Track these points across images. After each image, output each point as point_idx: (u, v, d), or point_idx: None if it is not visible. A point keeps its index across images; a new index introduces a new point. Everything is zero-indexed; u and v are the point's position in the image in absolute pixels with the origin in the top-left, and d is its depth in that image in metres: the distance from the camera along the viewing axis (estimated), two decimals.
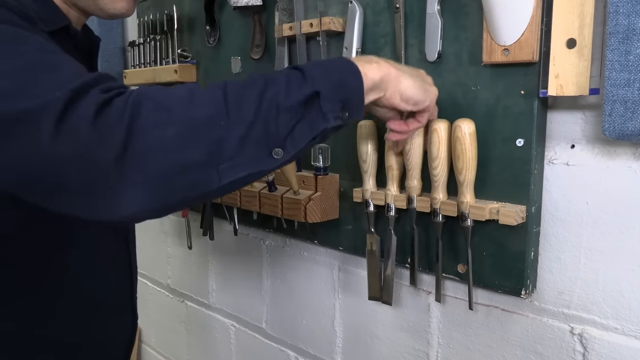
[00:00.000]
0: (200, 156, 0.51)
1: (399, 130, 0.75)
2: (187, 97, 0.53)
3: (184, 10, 1.30)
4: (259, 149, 0.54)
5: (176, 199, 0.52)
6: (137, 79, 1.41)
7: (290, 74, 0.57)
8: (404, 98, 0.68)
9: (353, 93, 0.61)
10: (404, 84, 0.67)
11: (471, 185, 0.77)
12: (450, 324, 0.90)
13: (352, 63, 0.62)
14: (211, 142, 0.51)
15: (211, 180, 0.52)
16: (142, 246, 1.68)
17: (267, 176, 1.03)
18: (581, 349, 0.75)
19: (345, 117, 0.60)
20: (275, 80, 0.56)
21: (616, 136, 0.65)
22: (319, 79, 0.57)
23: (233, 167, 0.52)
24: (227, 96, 0.53)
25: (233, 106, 0.53)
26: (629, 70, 0.63)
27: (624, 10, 0.62)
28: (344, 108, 0.59)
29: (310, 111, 0.56)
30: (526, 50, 0.71)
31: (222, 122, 0.52)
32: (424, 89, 0.70)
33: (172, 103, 0.52)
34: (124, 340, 0.92)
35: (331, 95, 0.57)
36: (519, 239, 0.76)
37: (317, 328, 1.15)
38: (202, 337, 1.52)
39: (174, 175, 0.50)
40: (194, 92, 0.53)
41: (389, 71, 0.65)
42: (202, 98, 0.53)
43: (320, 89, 0.56)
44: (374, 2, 0.90)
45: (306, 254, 1.14)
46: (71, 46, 0.77)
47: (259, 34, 1.11)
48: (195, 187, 0.52)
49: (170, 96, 0.53)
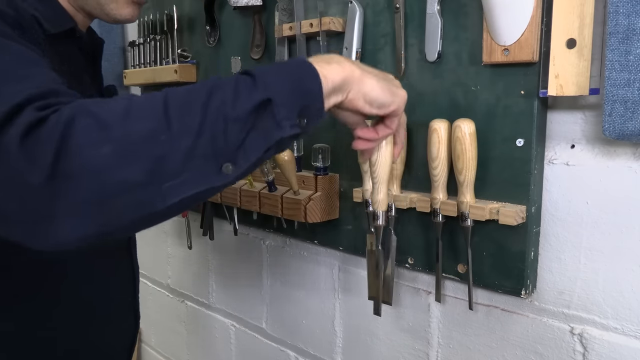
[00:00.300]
0: (140, 175, 0.46)
1: (367, 137, 0.69)
2: (124, 110, 0.48)
3: (184, 10, 1.30)
4: (206, 165, 0.49)
5: (118, 222, 0.48)
6: (137, 79, 1.41)
7: (239, 80, 0.53)
8: (368, 100, 0.62)
9: (311, 98, 0.55)
10: (368, 86, 0.62)
11: (471, 185, 0.77)
12: (450, 324, 0.90)
13: (309, 64, 0.56)
14: (151, 159, 0.46)
15: (155, 200, 0.48)
16: (142, 246, 1.68)
17: (267, 176, 1.03)
18: (581, 349, 0.75)
19: (304, 124, 0.55)
20: (221, 87, 0.51)
21: (616, 136, 0.65)
22: (271, 83, 0.52)
23: (179, 185, 0.48)
24: (167, 107, 0.48)
25: (175, 118, 0.48)
26: (629, 70, 0.63)
27: (624, 10, 0.62)
28: (301, 114, 0.54)
29: (262, 120, 0.51)
30: (526, 50, 0.71)
31: (163, 136, 0.47)
32: (390, 91, 0.64)
33: (108, 118, 0.47)
34: (124, 345, 0.92)
35: (286, 101, 0.52)
36: (519, 239, 0.76)
37: (317, 328, 1.15)
38: (202, 337, 1.52)
39: (112, 196, 0.46)
40: (132, 104, 0.49)
41: (351, 72, 0.60)
42: (140, 110, 0.48)
43: (273, 96, 0.51)
44: (374, 2, 0.90)
45: (306, 254, 1.14)
46: (76, 48, 0.78)
47: (259, 34, 1.11)
48: (137, 208, 0.48)
49: (107, 110, 0.48)
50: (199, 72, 1.29)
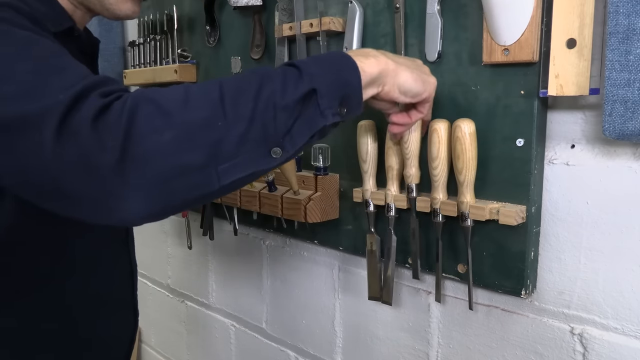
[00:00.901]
0: (198, 159, 0.50)
1: (402, 122, 0.75)
2: (183, 99, 0.52)
3: (184, 10, 1.30)
4: (257, 149, 0.53)
5: (177, 201, 0.52)
6: (137, 79, 1.41)
7: (287, 71, 0.56)
8: (402, 91, 0.67)
9: (351, 89, 0.60)
10: (402, 77, 0.66)
11: (471, 185, 0.77)
12: (450, 324, 0.90)
13: (349, 58, 0.61)
14: (209, 144, 0.51)
15: (211, 181, 0.52)
16: (142, 246, 1.68)
17: (267, 176, 1.03)
18: (581, 349, 0.75)
19: (344, 113, 0.59)
20: (271, 77, 0.55)
21: (616, 136, 0.65)
22: (315, 75, 0.56)
23: (232, 167, 0.52)
24: (223, 96, 0.53)
25: (229, 106, 0.52)
26: (629, 70, 0.63)
27: (624, 10, 0.62)
28: (342, 104, 0.58)
29: (307, 109, 0.55)
30: (526, 50, 0.71)
31: (220, 123, 0.51)
32: (422, 80, 0.69)
33: (169, 106, 0.51)
34: (126, 337, 0.93)
35: (329, 92, 0.57)
36: (519, 239, 0.76)
37: (317, 328, 1.15)
38: (202, 337, 1.52)
39: (174, 178, 0.50)
40: (190, 93, 0.53)
41: (386, 65, 0.64)
42: (198, 99, 0.52)
43: (317, 86, 0.56)
44: (374, 2, 0.90)
45: (306, 254, 1.14)
46: (74, 47, 0.78)
47: (259, 34, 1.11)
48: (195, 188, 0.52)
49: (167, 99, 0.52)
50: (199, 72, 1.29)
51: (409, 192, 0.84)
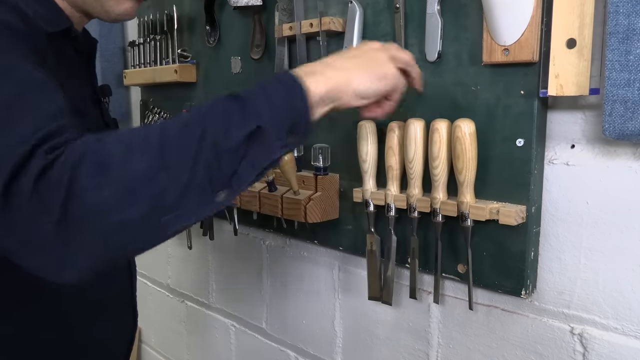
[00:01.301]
0: (140, 213, 0.49)
1: (375, 116, 0.72)
2: (123, 151, 0.50)
3: (184, 10, 1.30)
4: (202, 195, 0.52)
5: (121, 255, 0.52)
6: (137, 79, 1.42)
7: (230, 109, 0.54)
8: (362, 96, 0.64)
9: (299, 116, 0.57)
10: (357, 83, 0.63)
11: (471, 185, 0.77)
12: (450, 324, 0.90)
13: (294, 81, 0.57)
14: (150, 197, 0.49)
15: (155, 233, 0.51)
16: None
17: (267, 176, 1.03)
18: (581, 349, 0.75)
19: (293, 141, 0.57)
20: (214, 118, 0.53)
21: (616, 136, 0.65)
22: (260, 109, 0.54)
23: (176, 218, 0.51)
24: (164, 145, 0.51)
25: (171, 155, 0.50)
26: (629, 70, 0.63)
27: (624, 10, 0.62)
28: (290, 133, 0.56)
29: (254, 147, 0.53)
30: (526, 50, 0.71)
31: (161, 174, 0.50)
32: (379, 76, 0.65)
33: (109, 160, 0.49)
34: (125, 339, 0.93)
35: (275, 125, 0.54)
36: (519, 239, 0.76)
37: (317, 328, 1.15)
38: (202, 337, 1.52)
39: (116, 234, 0.49)
40: (131, 144, 0.51)
41: (336, 80, 0.61)
42: (138, 150, 0.50)
43: (262, 123, 0.53)
44: (374, 2, 0.90)
45: (306, 254, 1.14)
46: (71, 48, 0.78)
47: (259, 34, 1.11)
48: (139, 242, 0.51)
49: (109, 152, 0.50)
50: (199, 72, 1.29)
51: (411, 212, 0.84)
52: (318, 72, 0.60)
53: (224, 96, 0.56)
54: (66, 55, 0.76)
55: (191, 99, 1.32)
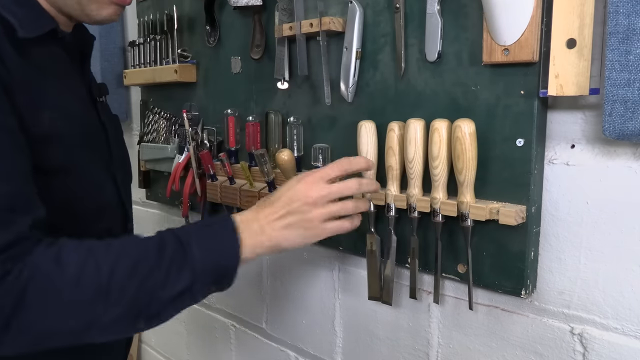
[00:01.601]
0: (74, 329, 0.60)
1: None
2: (73, 279, 0.59)
3: (184, 10, 1.30)
4: (127, 323, 0.63)
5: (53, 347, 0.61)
6: (137, 79, 1.42)
7: (174, 260, 0.65)
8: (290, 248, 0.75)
9: (228, 276, 0.70)
10: (287, 246, 0.74)
11: (471, 185, 0.77)
12: (450, 324, 0.90)
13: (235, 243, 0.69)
14: (87, 321, 0.60)
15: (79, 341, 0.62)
16: None
17: (267, 176, 1.03)
18: (581, 349, 0.75)
19: (215, 290, 0.70)
20: (158, 270, 0.63)
21: (616, 136, 0.65)
22: (197, 267, 0.66)
23: (103, 334, 0.62)
24: (110, 284, 0.60)
25: (113, 295, 0.61)
26: (629, 70, 0.63)
27: (624, 10, 0.62)
28: (214, 283, 0.69)
29: (182, 296, 0.66)
30: (526, 50, 0.71)
31: (100, 306, 0.60)
32: (311, 237, 0.75)
33: (58, 284, 0.59)
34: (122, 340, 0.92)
35: (204, 283, 0.67)
36: (519, 239, 0.76)
37: (317, 328, 1.15)
38: (202, 337, 1.52)
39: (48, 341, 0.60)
40: (82, 274, 0.60)
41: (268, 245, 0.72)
42: (87, 283, 0.60)
43: (195, 280, 0.66)
44: (374, 2, 0.90)
45: (306, 254, 1.14)
46: (59, 49, 0.77)
47: (259, 34, 1.11)
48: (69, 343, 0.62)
49: (59, 276, 0.59)
50: (199, 72, 1.29)
51: (411, 212, 0.84)
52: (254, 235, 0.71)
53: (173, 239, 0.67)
54: (55, 57, 0.76)
55: (191, 99, 1.32)
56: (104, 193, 0.82)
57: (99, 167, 0.80)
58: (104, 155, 0.83)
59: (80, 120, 0.77)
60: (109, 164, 0.84)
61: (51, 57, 0.75)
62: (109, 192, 0.83)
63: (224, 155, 1.15)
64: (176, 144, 1.33)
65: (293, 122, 1.04)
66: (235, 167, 1.15)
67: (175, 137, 1.35)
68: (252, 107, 1.16)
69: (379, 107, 0.91)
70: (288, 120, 1.05)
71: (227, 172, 1.15)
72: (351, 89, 0.93)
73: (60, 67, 0.77)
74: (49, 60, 0.74)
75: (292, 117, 1.04)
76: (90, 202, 0.78)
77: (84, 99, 0.82)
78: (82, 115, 0.79)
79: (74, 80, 0.81)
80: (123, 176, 0.90)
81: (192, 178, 1.27)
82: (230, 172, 1.15)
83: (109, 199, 0.83)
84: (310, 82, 1.03)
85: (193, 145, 1.24)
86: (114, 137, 0.87)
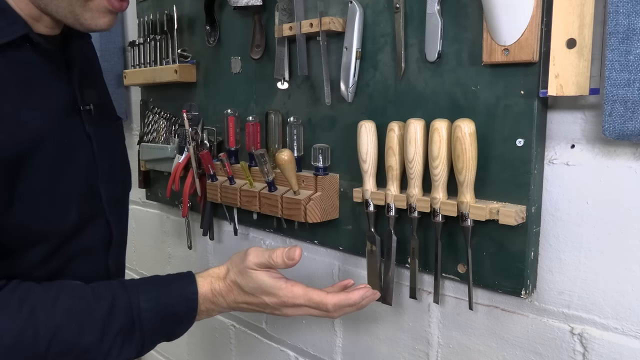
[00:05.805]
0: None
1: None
2: (12, 342, 0.63)
3: (184, 10, 1.30)
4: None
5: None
6: (137, 79, 1.42)
7: (126, 339, 0.71)
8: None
9: (173, 337, 0.78)
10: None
11: (471, 185, 0.77)
12: (450, 324, 0.90)
13: (191, 321, 0.78)
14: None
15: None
16: (142, 246, 1.68)
17: (267, 176, 1.03)
18: (581, 349, 0.75)
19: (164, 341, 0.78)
20: (100, 345, 0.69)
21: (616, 136, 0.65)
22: (149, 343, 0.73)
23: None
24: (48, 350, 0.65)
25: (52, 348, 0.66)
26: (629, 70, 0.63)
27: (624, 10, 0.62)
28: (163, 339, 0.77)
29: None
30: (526, 50, 0.71)
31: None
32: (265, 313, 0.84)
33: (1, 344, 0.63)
34: None
35: (154, 343, 0.75)
36: (519, 239, 0.76)
37: (317, 328, 1.15)
38: (202, 337, 1.52)
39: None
40: (21, 336, 0.63)
41: (224, 311, 0.82)
42: (25, 347, 0.64)
43: (147, 343, 0.73)
44: (374, 2, 0.90)
45: (306, 254, 1.14)
46: (34, 55, 0.72)
47: (259, 34, 1.11)
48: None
49: (6, 331, 0.63)
50: (199, 72, 1.29)
51: (411, 212, 0.84)
52: (214, 306, 0.81)
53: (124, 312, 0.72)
54: (26, 63, 0.71)
55: (191, 99, 1.32)
56: (68, 218, 0.76)
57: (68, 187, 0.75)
58: (83, 171, 0.78)
59: (45, 137, 0.71)
60: (92, 178, 0.80)
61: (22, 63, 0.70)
62: (76, 215, 0.77)
63: (224, 155, 1.15)
64: (176, 144, 1.33)
65: (293, 122, 1.04)
66: (235, 167, 1.15)
67: (175, 137, 1.35)
68: (252, 107, 1.16)
69: (379, 107, 0.91)
70: (288, 120, 1.05)
71: (227, 172, 1.15)
72: (351, 89, 0.93)
73: (31, 75, 0.71)
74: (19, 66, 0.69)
75: (292, 117, 1.05)
76: (50, 227, 0.74)
77: (61, 110, 0.76)
78: (51, 129, 0.72)
79: (50, 89, 0.74)
80: (113, 189, 0.85)
81: (192, 178, 1.27)
82: (230, 172, 1.15)
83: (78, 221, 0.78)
84: (310, 82, 1.03)
85: (193, 145, 1.25)
86: (102, 148, 0.82)
